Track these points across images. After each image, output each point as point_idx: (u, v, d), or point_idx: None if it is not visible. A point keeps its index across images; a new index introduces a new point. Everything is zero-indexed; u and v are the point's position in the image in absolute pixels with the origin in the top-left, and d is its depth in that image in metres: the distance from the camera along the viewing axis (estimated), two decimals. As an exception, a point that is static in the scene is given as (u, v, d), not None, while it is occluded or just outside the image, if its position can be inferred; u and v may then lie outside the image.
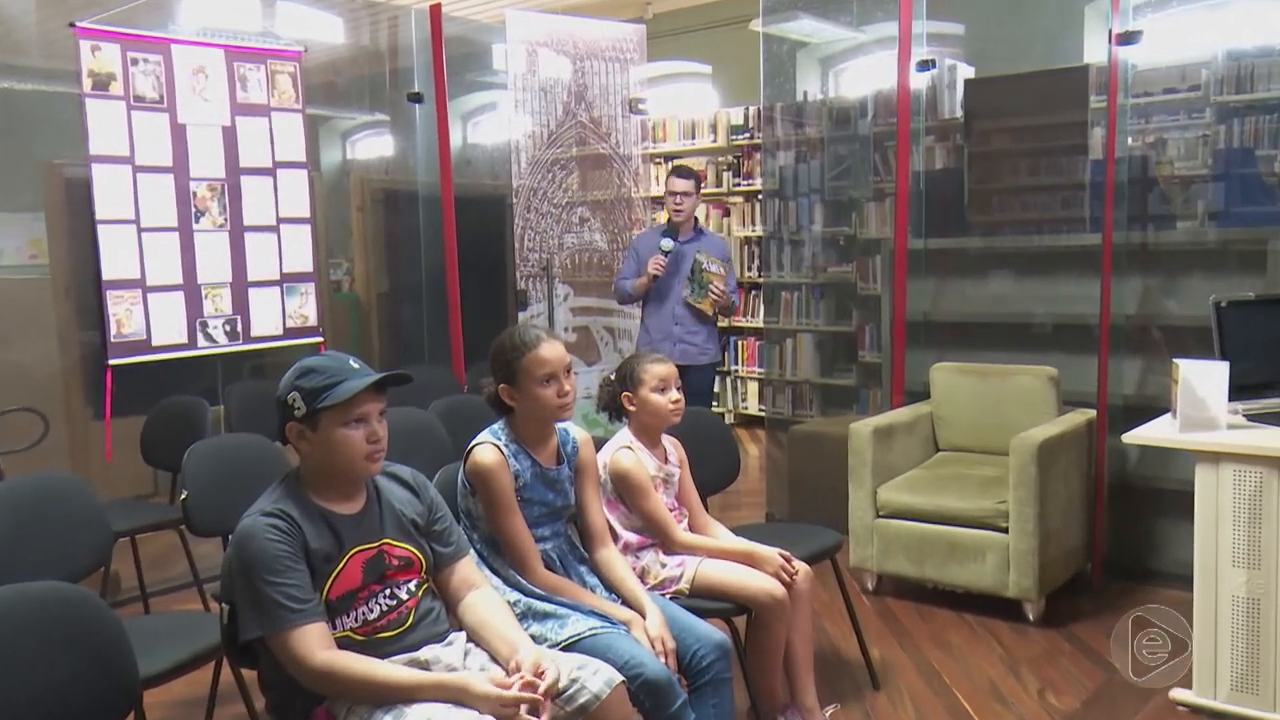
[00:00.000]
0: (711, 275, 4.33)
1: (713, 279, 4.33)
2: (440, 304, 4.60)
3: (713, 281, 4.33)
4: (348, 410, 1.94)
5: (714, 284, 4.33)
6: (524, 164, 5.01)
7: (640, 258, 4.46)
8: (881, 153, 5.40)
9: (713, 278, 4.33)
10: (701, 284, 4.34)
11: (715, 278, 4.33)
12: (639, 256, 4.47)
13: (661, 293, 4.41)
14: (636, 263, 4.48)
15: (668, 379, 2.72)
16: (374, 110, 5.69)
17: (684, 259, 4.36)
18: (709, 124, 7.35)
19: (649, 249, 4.44)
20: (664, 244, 4.37)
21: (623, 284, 4.52)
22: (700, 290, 4.34)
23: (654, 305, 4.45)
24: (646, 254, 4.42)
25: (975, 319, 4.51)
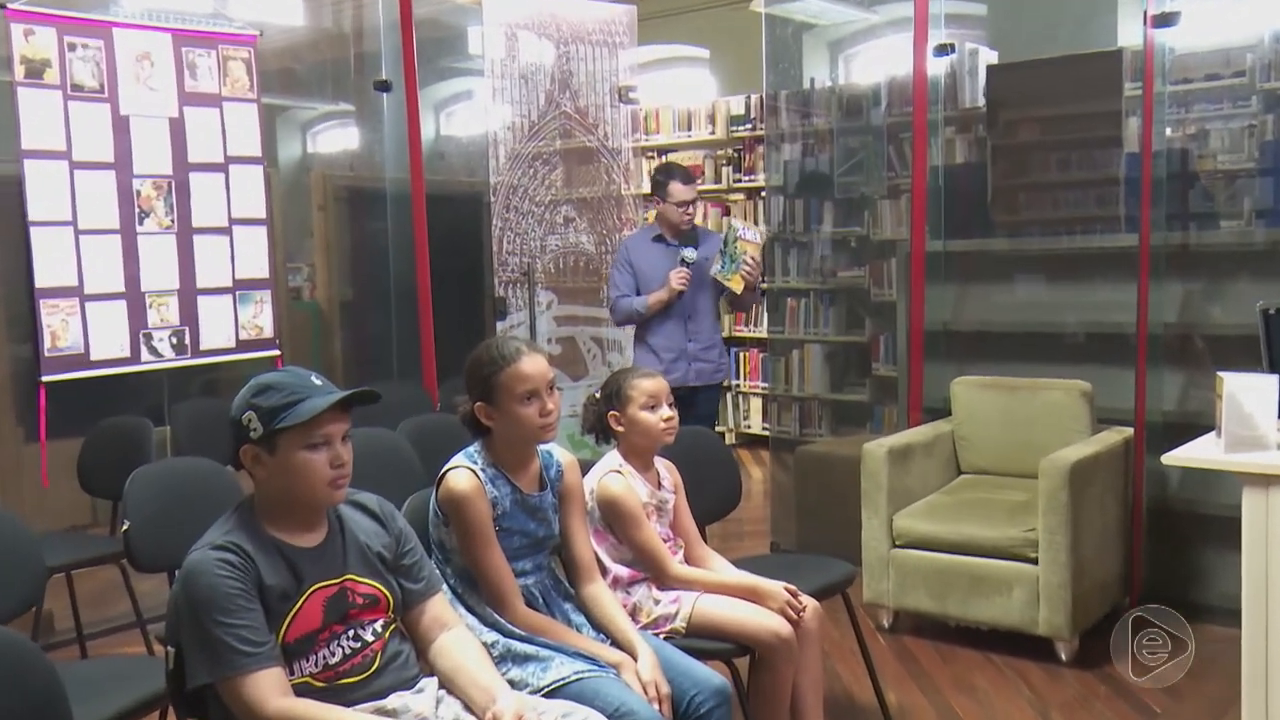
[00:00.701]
0: (747, 244, 4.08)
1: (748, 248, 4.07)
2: (410, 313, 4.60)
3: (748, 252, 4.07)
4: (309, 431, 1.94)
5: (749, 255, 4.07)
6: (503, 158, 5.03)
7: (636, 266, 4.25)
8: (896, 145, 5.43)
9: (748, 247, 4.08)
10: (734, 256, 4.08)
11: (751, 246, 4.08)
12: (636, 269, 4.25)
13: (673, 307, 4.20)
14: (634, 276, 4.25)
15: (658, 395, 2.72)
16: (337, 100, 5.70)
17: (698, 270, 4.18)
18: (706, 114, 7.38)
19: (649, 259, 4.23)
20: (687, 254, 4.16)
21: (626, 303, 4.24)
22: (733, 264, 4.07)
23: (661, 320, 4.22)
24: (648, 266, 4.22)
25: (1000, 328, 4.53)
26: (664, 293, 4.16)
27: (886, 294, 5.41)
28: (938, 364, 4.46)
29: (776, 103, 5.74)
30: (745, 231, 4.11)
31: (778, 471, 5.36)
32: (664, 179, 4.24)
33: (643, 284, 4.23)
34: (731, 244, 4.09)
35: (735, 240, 4.08)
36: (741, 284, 4.09)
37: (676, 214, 4.20)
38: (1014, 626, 3.60)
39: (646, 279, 4.22)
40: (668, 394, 2.75)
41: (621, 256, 4.34)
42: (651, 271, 4.19)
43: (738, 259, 4.08)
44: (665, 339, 4.21)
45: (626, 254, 4.31)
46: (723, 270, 4.11)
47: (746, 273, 4.07)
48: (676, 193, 4.20)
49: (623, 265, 4.30)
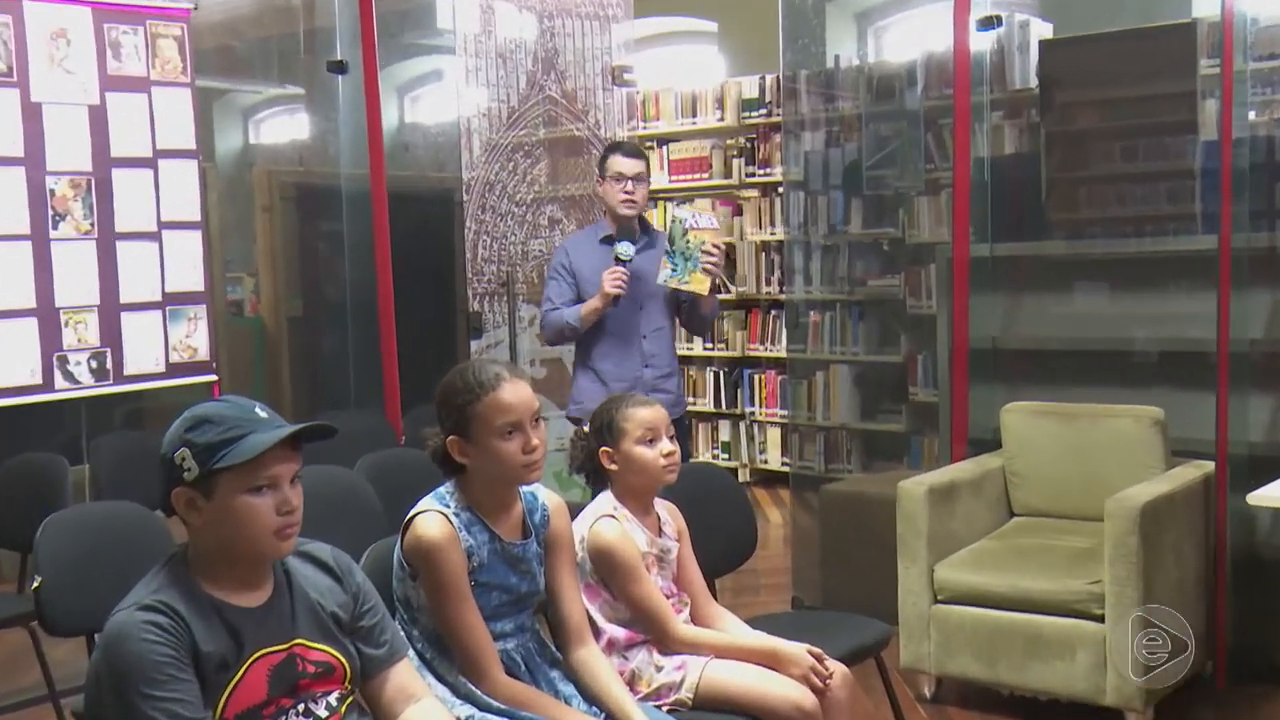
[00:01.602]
0: (702, 233, 3.82)
1: (705, 236, 3.82)
2: (370, 331, 4.61)
3: (705, 243, 3.82)
4: (253, 472, 1.94)
5: (708, 246, 3.82)
6: (477, 150, 5.05)
7: (578, 273, 4.02)
8: (935, 133, 5.45)
9: (704, 235, 3.82)
10: (687, 253, 3.83)
11: (708, 234, 3.83)
12: (575, 271, 4.02)
13: (621, 322, 3.98)
14: (573, 281, 4.03)
15: (657, 426, 2.73)
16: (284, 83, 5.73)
17: (644, 276, 3.95)
18: (714, 98, 7.42)
19: (589, 260, 4.01)
20: (621, 249, 3.91)
21: (557, 316, 4.02)
22: (686, 264, 3.82)
23: (608, 340, 4.02)
24: (589, 268, 4.00)
25: (1058, 346, 4.54)
26: (597, 300, 3.92)
27: (925, 306, 5.42)
28: (985, 388, 4.47)
29: (795, 85, 5.77)
30: (695, 219, 3.88)
31: (799, 514, 5.35)
32: (606, 152, 4.09)
33: (586, 294, 4.00)
34: (680, 239, 3.84)
35: (684, 233, 3.84)
36: (707, 283, 3.87)
37: (615, 195, 3.99)
38: (1077, 696, 3.59)
39: (590, 287, 3.97)
40: (668, 425, 2.76)
41: (558, 260, 4.10)
42: (596, 278, 3.94)
43: (692, 254, 3.84)
44: (615, 365, 4.02)
45: (564, 257, 4.08)
46: (676, 274, 3.85)
47: (710, 265, 3.85)
48: (614, 165, 4.00)
49: (559, 271, 4.07)
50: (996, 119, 5.20)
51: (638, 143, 4.47)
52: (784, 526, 6.13)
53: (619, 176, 3.99)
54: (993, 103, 5.08)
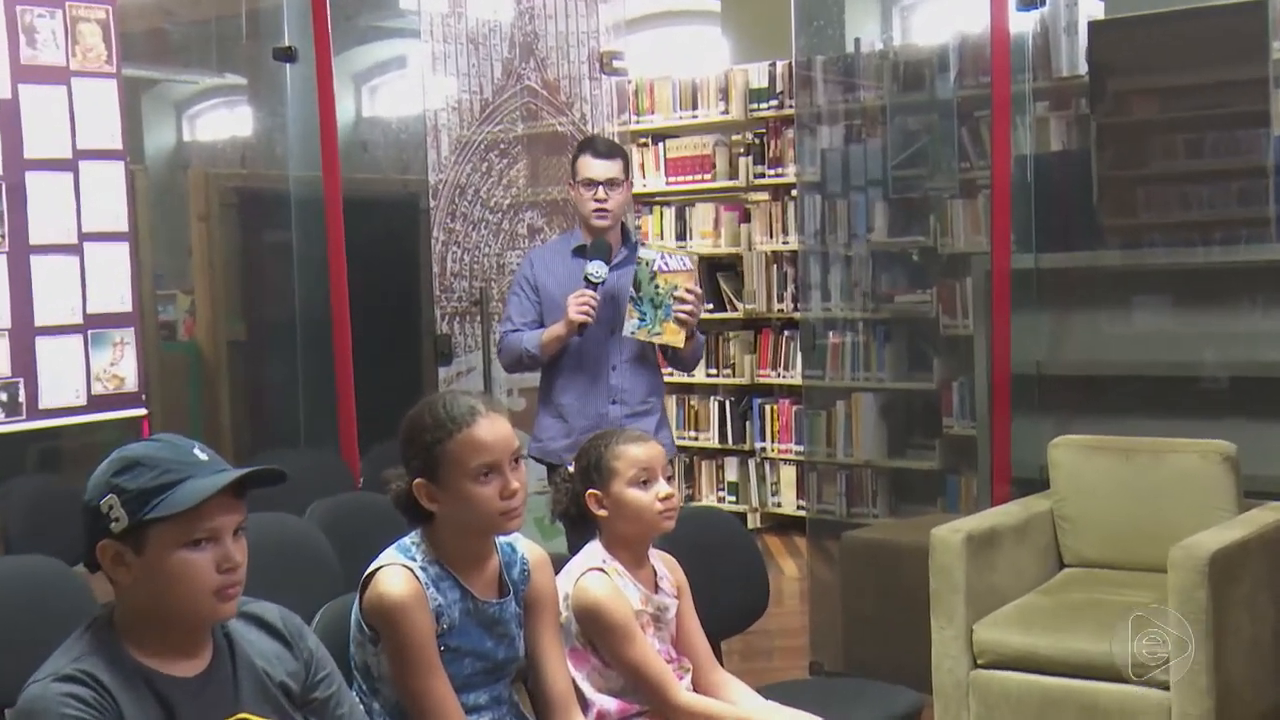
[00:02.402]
0: (673, 277, 3.81)
1: (677, 281, 3.81)
2: (323, 358, 4.62)
3: (678, 285, 3.81)
4: (190, 523, 1.94)
5: (681, 292, 3.81)
6: (446, 149, 5.07)
7: (543, 289, 4.01)
8: (971, 127, 5.48)
9: (676, 279, 3.81)
10: (657, 299, 3.82)
11: (681, 277, 3.82)
12: (544, 292, 4.02)
13: (587, 351, 3.95)
14: (537, 301, 4.02)
15: (652, 465, 2.73)
16: (224, 72, 5.75)
17: (620, 297, 3.93)
18: (718, 88, 7.45)
19: (557, 275, 4.00)
20: (591, 269, 3.87)
21: (515, 339, 4.01)
22: (656, 312, 3.82)
23: (572, 373, 3.99)
24: (555, 284, 3.98)
25: (1113, 371, 4.55)
26: (560, 327, 3.90)
27: (960, 325, 5.44)
28: (1030, 419, 4.48)
29: (810, 72, 5.80)
30: (664, 261, 3.84)
31: (818, 566, 5.35)
32: (577, 152, 4.07)
33: (550, 314, 3.98)
34: (647, 284, 3.81)
35: (652, 277, 3.81)
36: (681, 334, 3.85)
37: (585, 204, 3.98)
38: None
39: (555, 309, 3.95)
40: (664, 464, 2.77)
41: (522, 275, 4.09)
42: (562, 298, 3.92)
43: (663, 301, 3.81)
44: (577, 399, 3.99)
45: (530, 270, 4.07)
46: (644, 324, 3.83)
47: (685, 315, 3.82)
48: (583, 168, 3.98)
49: (521, 286, 4.06)
50: (1041, 111, 5.23)
51: (611, 139, 4.43)
52: (800, 580, 6.12)
53: (588, 183, 3.97)
54: (1036, 92, 5.10)
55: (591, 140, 4.21)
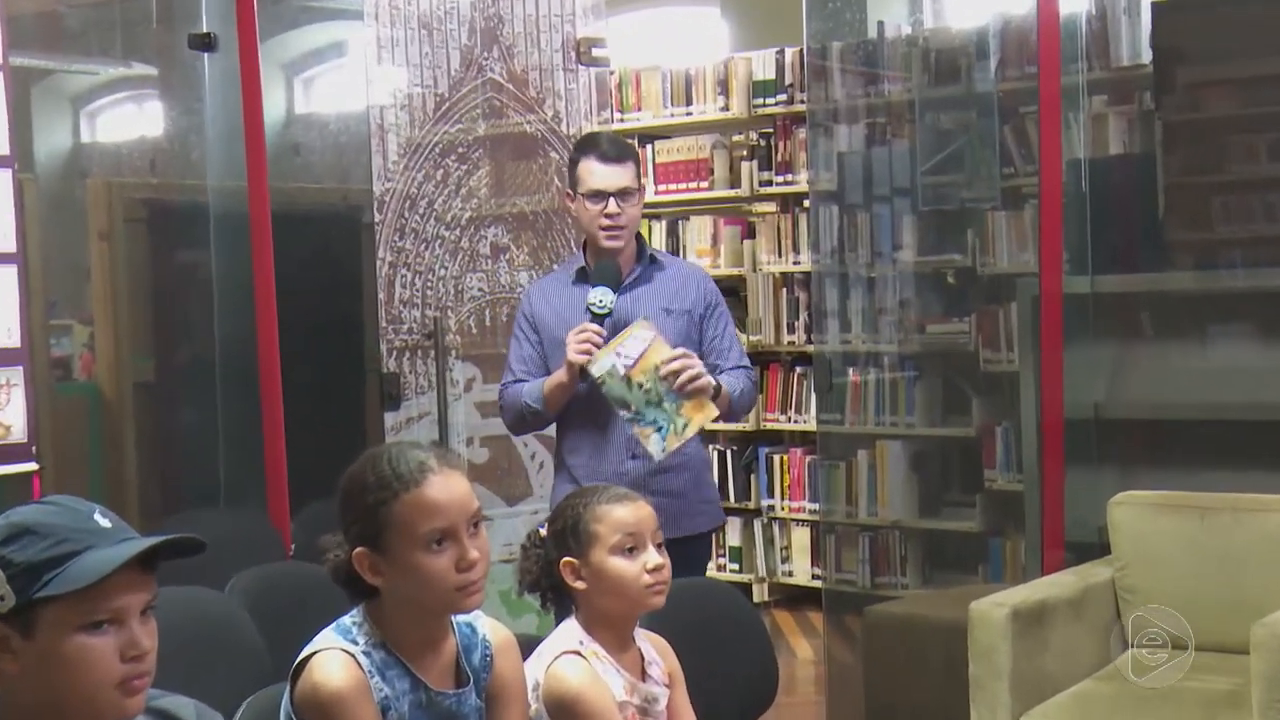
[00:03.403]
0: (645, 361, 3.75)
1: (651, 362, 3.75)
2: (247, 402, 4.61)
3: (658, 367, 3.74)
4: (90, 603, 1.94)
5: (666, 370, 3.74)
6: (394, 153, 5.08)
7: (543, 329, 4.00)
8: (1015, 126, 5.50)
9: (649, 360, 3.75)
10: (652, 397, 3.75)
11: (651, 353, 3.76)
12: (541, 328, 4.00)
13: (596, 399, 3.85)
14: (539, 343, 4.00)
15: (640, 529, 2.73)
16: (130, 61, 5.75)
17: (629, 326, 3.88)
18: (716, 80, 7.47)
19: (557, 309, 3.99)
20: (595, 298, 3.83)
21: (515, 393, 3.98)
22: (665, 410, 3.76)
23: (581, 427, 3.96)
24: (556, 321, 3.97)
25: (1185, 414, 4.55)
26: (561, 373, 3.85)
27: (1004, 360, 5.45)
28: (1087, 471, 4.48)
29: (825, 61, 5.83)
30: (622, 359, 3.75)
31: (837, 646, 5.34)
32: (577, 155, 4.01)
33: (553, 359, 3.94)
34: (630, 393, 3.75)
35: (627, 383, 3.74)
36: (707, 408, 3.79)
37: (591, 221, 3.92)
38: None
39: (560, 349, 3.89)
40: (654, 528, 2.77)
41: (520, 314, 4.09)
42: (569, 334, 3.86)
43: (659, 394, 3.75)
44: (588, 456, 3.95)
45: (528, 307, 4.06)
46: (666, 431, 3.75)
47: (692, 385, 3.73)
48: (588, 176, 3.92)
49: (520, 328, 4.04)
50: (1097, 106, 5.25)
51: (619, 137, 4.38)
52: (816, 664, 6.11)
53: (596, 195, 3.90)
54: (1092, 84, 5.12)
55: (595, 140, 4.08)
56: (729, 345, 4.06)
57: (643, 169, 7.40)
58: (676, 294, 4.02)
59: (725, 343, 4.06)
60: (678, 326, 3.97)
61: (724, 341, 4.06)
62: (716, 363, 4.00)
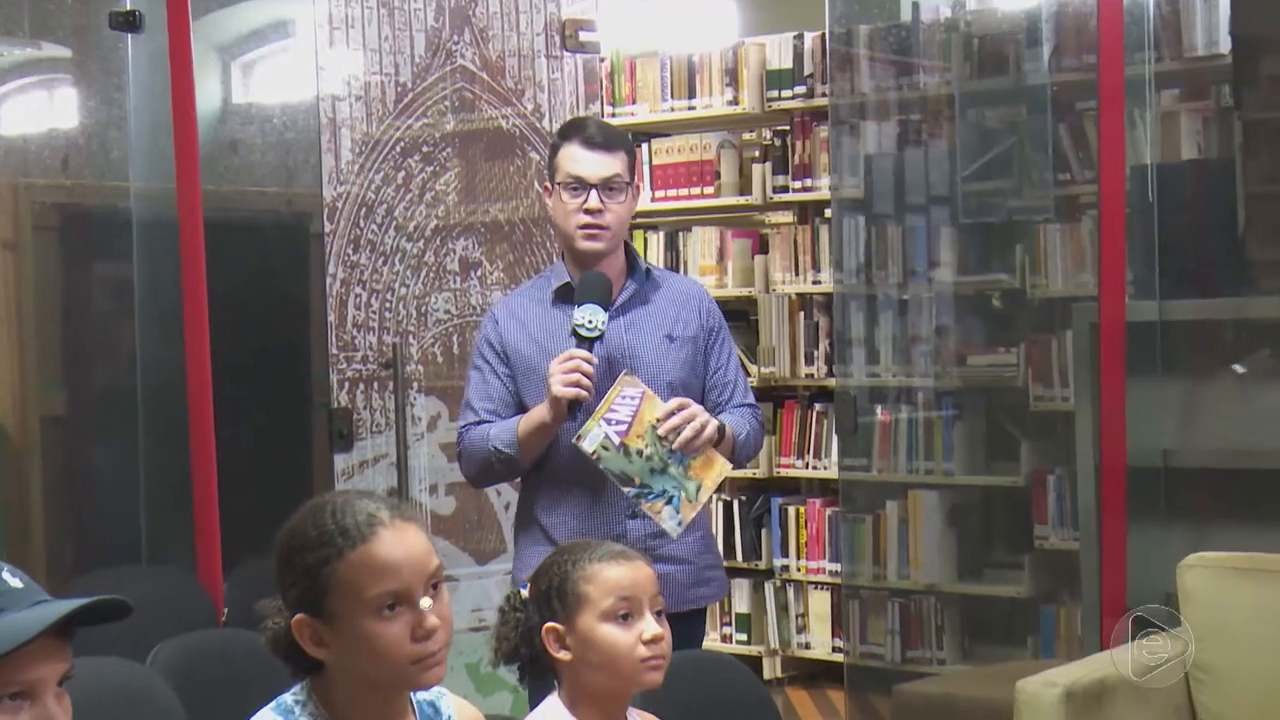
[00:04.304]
0: (639, 424, 3.74)
1: (646, 422, 3.74)
2: (174, 440, 4.61)
3: (654, 426, 3.73)
4: (1, 675, 1.94)
5: (665, 428, 3.72)
6: (347, 151, 5.09)
7: (514, 358, 3.94)
8: (1071, 125, 5.51)
9: (642, 420, 3.74)
10: (657, 464, 3.73)
11: (644, 412, 3.74)
12: (513, 356, 3.94)
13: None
14: (509, 375, 3.94)
15: (637, 593, 2.73)
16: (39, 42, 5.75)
17: (632, 353, 3.89)
18: (723, 69, 7.48)
19: (534, 333, 3.94)
20: (583, 317, 3.75)
21: (479, 437, 3.90)
22: (672, 473, 3.74)
23: (564, 478, 3.89)
24: (532, 348, 3.92)
25: (1266, 462, 4.55)
26: (542, 411, 3.78)
27: (1057, 397, 5.45)
28: (1154, 529, 4.48)
29: (851, 48, 5.84)
30: (612, 425, 3.73)
31: (862, 732, 5.34)
32: (558, 141, 3.99)
33: (531, 391, 3.89)
34: (632, 465, 3.72)
35: (626, 457, 3.72)
36: (717, 458, 3.80)
37: (568, 217, 3.88)
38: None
39: (538, 381, 3.85)
40: (653, 592, 2.77)
41: (483, 339, 4.02)
42: (545, 367, 3.81)
43: (664, 458, 3.75)
44: (574, 516, 3.90)
45: (493, 331, 3.99)
46: (679, 499, 3.75)
47: (695, 440, 3.73)
48: (567, 162, 3.89)
49: (484, 357, 3.98)
50: (1168, 102, 5.27)
51: (610, 124, 4.37)
52: (838, 751, 6.12)
53: (575, 184, 3.86)
54: (1160, 77, 5.13)
55: (580, 124, 4.05)
56: (733, 378, 4.04)
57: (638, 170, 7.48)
58: (679, 317, 3.99)
59: (730, 375, 4.04)
60: (681, 356, 3.95)
61: (728, 373, 4.04)
62: (719, 400, 3.98)
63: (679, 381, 3.91)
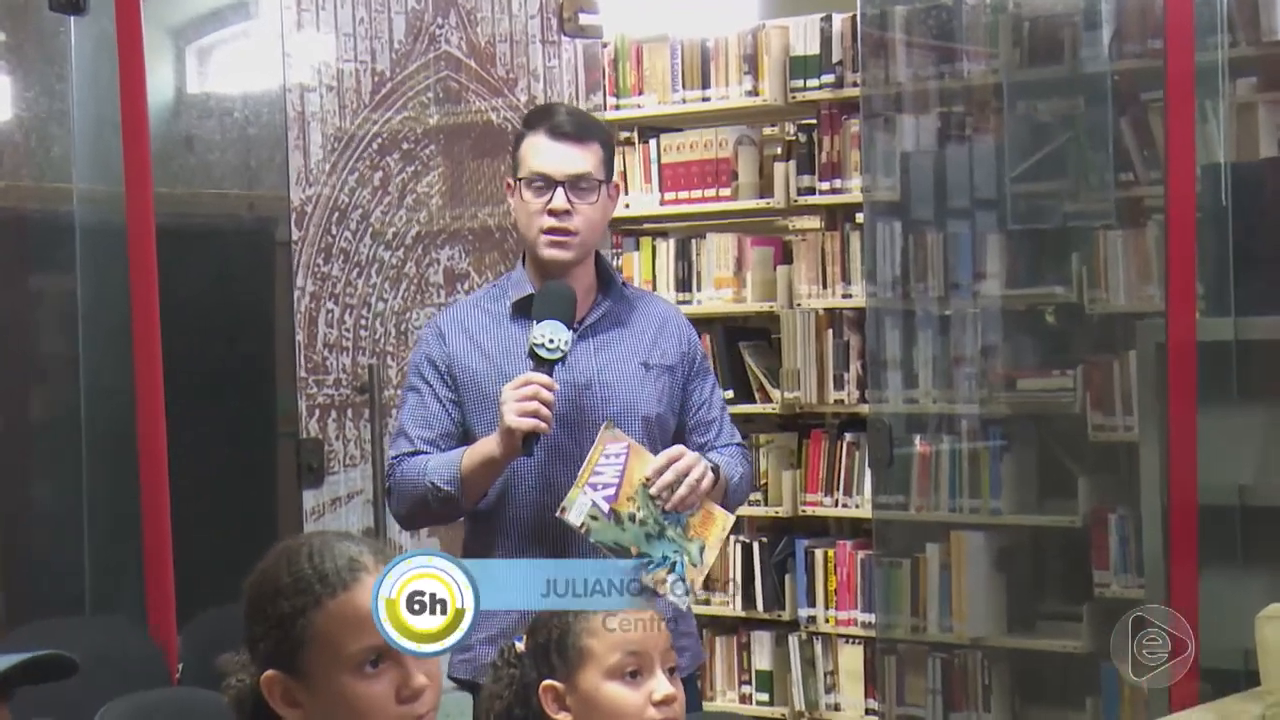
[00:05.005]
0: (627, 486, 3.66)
1: (636, 482, 3.67)
2: (122, 474, 4.61)
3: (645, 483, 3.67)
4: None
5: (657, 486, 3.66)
6: (318, 149, 5.10)
7: (468, 381, 3.90)
8: (1134, 119, 5.51)
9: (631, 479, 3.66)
10: (653, 528, 3.67)
11: (633, 470, 3.67)
12: (460, 377, 3.91)
13: (544, 485, 3.81)
14: (453, 400, 3.91)
15: (646, 648, 2.75)
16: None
17: (601, 378, 3.87)
18: (741, 55, 7.48)
19: (489, 355, 3.91)
20: (543, 335, 3.68)
21: (414, 471, 3.84)
22: (669, 537, 3.68)
23: (519, 526, 3.85)
24: (484, 367, 3.89)
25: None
26: (491, 444, 3.72)
27: (1119, 426, 5.45)
28: (1229, 575, 4.48)
29: (884, 32, 5.85)
30: (602, 474, 3.65)
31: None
32: (523, 130, 3.96)
33: (477, 423, 3.87)
34: (625, 533, 3.63)
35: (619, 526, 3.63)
36: (718, 511, 3.78)
37: (529, 217, 3.85)
38: None
39: (487, 408, 3.83)
40: (665, 647, 2.78)
41: (423, 356, 3.97)
42: (496, 391, 3.76)
43: (660, 521, 3.68)
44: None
45: (437, 348, 3.95)
46: (682, 565, 3.64)
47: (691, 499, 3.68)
48: (530, 155, 3.86)
49: (423, 377, 3.94)
50: (1243, 93, 5.27)
51: (583, 111, 4.33)
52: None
53: (539, 181, 3.83)
54: (1235, 64, 5.14)
55: (548, 111, 4.02)
56: (718, 415, 4.04)
57: (643, 173, 7.49)
58: (655, 343, 3.96)
59: (713, 411, 4.03)
60: (658, 388, 3.92)
61: (712, 410, 4.03)
62: (703, 441, 3.95)
63: (654, 417, 3.88)
